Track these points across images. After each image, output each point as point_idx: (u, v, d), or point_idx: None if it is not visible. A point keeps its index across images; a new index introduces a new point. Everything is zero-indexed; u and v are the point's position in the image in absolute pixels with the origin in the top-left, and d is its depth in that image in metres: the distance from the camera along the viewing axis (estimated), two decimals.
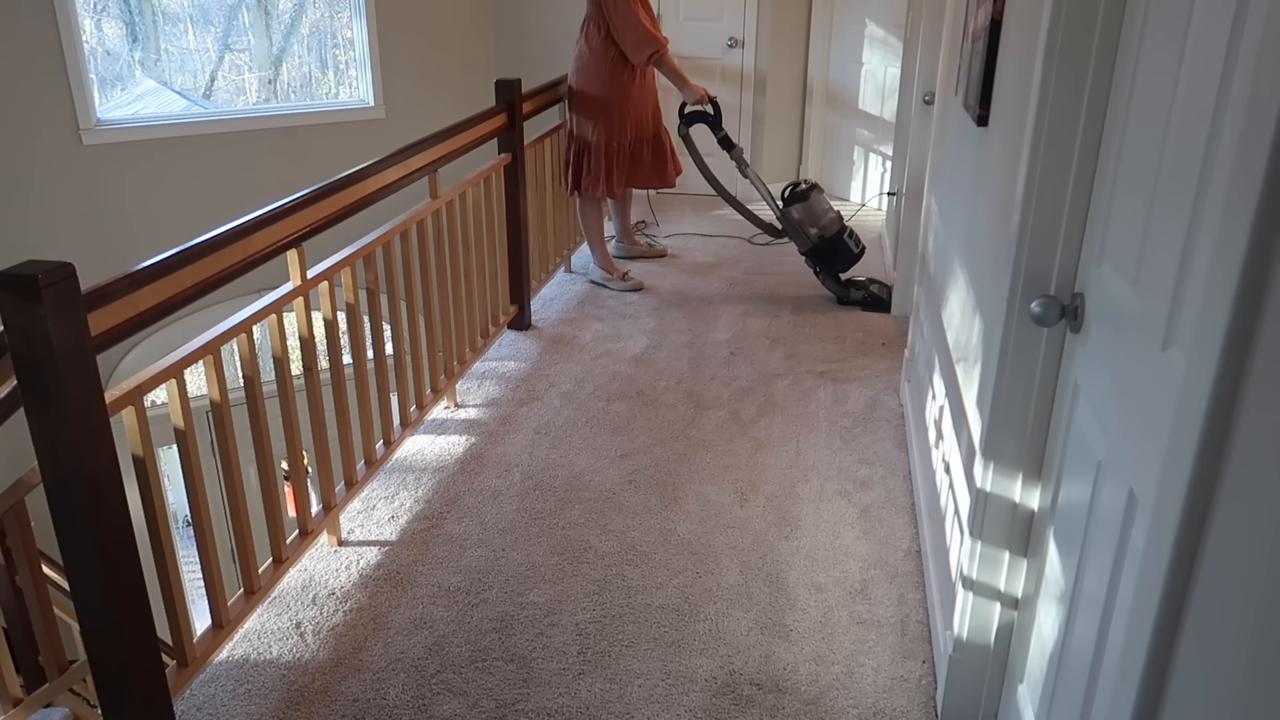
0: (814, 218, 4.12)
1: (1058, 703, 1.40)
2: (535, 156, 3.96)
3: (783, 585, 2.33)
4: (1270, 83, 0.76)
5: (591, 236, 4.38)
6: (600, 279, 4.42)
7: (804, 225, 4.12)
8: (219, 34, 6.56)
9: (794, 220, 4.14)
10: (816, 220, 4.12)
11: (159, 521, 1.83)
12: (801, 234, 4.13)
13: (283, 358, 2.22)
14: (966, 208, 2.27)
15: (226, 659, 2.10)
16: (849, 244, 4.15)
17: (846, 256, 4.16)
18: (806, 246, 4.15)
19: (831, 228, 4.12)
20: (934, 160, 3.17)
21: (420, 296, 2.95)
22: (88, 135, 5.00)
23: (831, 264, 4.18)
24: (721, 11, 5.84)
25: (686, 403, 3.28)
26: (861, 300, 4.17)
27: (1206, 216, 0.97)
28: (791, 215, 4.14)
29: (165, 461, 6.23)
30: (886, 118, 5.55)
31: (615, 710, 1.95)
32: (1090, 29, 1.37)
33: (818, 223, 4.12)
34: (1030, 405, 1.59)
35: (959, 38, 2.62)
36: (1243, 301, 0.78)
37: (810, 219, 4.12)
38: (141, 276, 1.72)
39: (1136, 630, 0.96)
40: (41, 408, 1.50)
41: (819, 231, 4.11)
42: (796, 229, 4.13)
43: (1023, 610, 1.69)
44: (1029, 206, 1.48)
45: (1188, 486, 0.85)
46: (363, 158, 2.58)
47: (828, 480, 2.80)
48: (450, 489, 2.76)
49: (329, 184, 2.36)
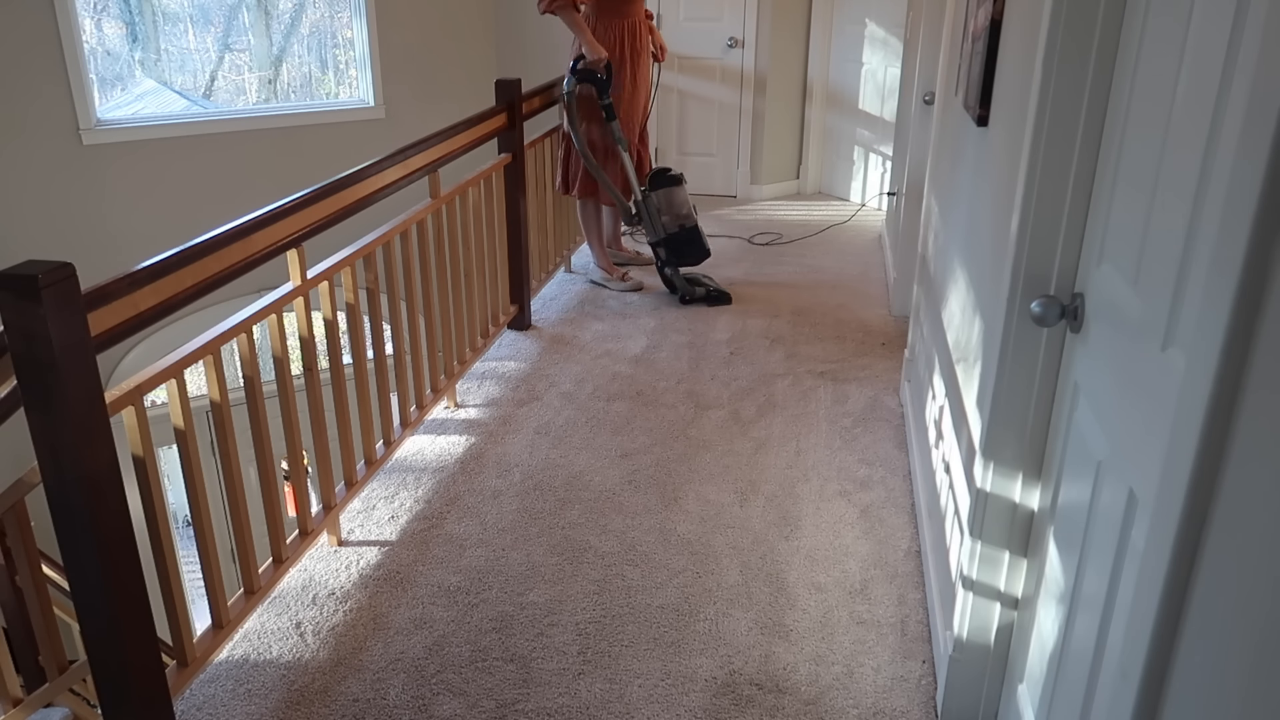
0: (673, 207, 4.02)
1: (1058, 703, 1.40)
2: (535, 156, 3.96)
3: (783, 585, 2.33)
4: (1270, 83, 0.76)
5: (590, 237, 4.37)
6: (600, 279, 4.42)
7: (661, 213, 4.03)
8: (219, 34, 6.56)
9: (653, 206, 4.02)
10: (675, 210, 4.03)
11: (159, 521, 1.83)
12: (656, 222, 4.03)
13: (283, 358, 2.22)
14: (966, 208, 2.27)
15: (226, 659, 2.10)
16: (703, 239, 4.08)
17: (698, 251, 4.09)
18: (659, 237, 4.04)
19: (689, 220, 4.04)
20: (934, 160, 3.17)
21: (420, 296, 2.95)
22: (88, 135, 5.00)
23: (684, 257, 4.09)
24: (721, 11, 5.85)
25: (686, 403, 3.28)
26: (706, 296, 4.14)
27: (1206, 216, 0.98)
28: (651, 200, 4.02)
29: (165, 461, 6.23)
30: (886, 118, 5.55)
31: (615, 710, 1.95)
32: (1090, 29, 1.37)
33: (676, 213, 4.02)
34: (1030, 405, 1.59)
35: (959, 38, 2.62)
36: (1243, 301, 0.78)
37: (668, 208, 4.02)
38: (141, 276, 1.72)
39: (1136, 630, 0.96)
40: (41, 408, 1.50)
41: (676, 221, 4.02)
42: (654, 216, 4.03)
43: (1023, 610, 1.69)
44: (1029, 206, 1.48)
45: (1188, 486, 0.85)
46: (363, 158, 2.58)
47: (828, 480, 2.80)
48: (450, 489, 2.76)
49: (329, 184, 2.36)
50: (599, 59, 3.87)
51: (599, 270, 4.42)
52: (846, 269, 4.72)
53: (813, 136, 6.21)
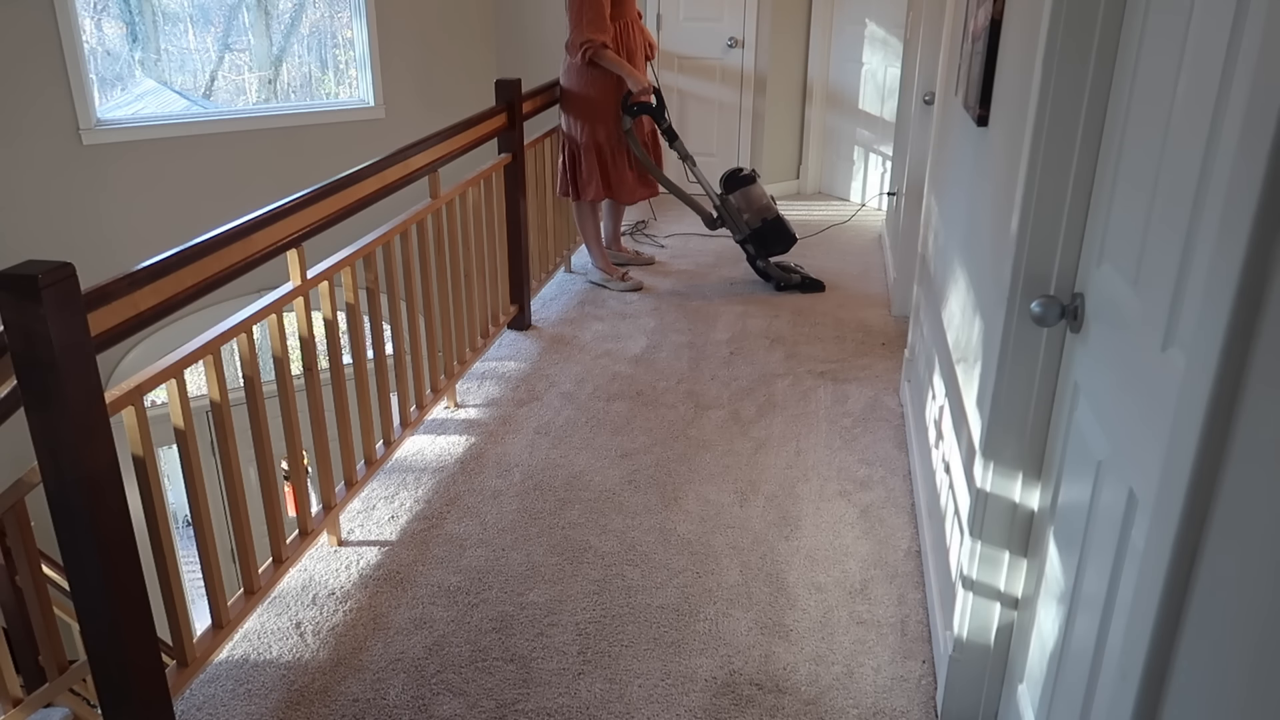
0: (752, 204, 4.19)
1: (1058, 703, 1.40)
2: (535, 156, 3.96)
3: (783, 585, 2.33)
4: (1270, 83, 0.76)
5: (588, 238, 4.38)
6: (599, 280, 4.42)
7: (742, 212, 4.20)
8: (219, 34, 6.56)
9: (733, 207, 4.20)
10: (754, 205, 4.20)
11: (159, 521, 1.83)
12: (739, 221, 4.20)
13: (283, 358, 2.22)
14: (966, 208, 2.27)
15: (226, 659, 2.10)
16: (789, 227, 4.23)
17: (786, 239, 4.24)
18: (744, 234, 4.21)
19: (770, 211, 4.20)
20: (934, 160, 3.17)
21: (420, 296, 2.95)
22: (88, 135, 5.00)
23: (772, 248, 4.25)
24: (721, 11, 5.84)
25: (686, 403, 3.28)
26: (800, 284, 4.29)
27: (1206, 216, 0.98)
28: (731, 203, 4.20)
29: (165, 461, 6.23)
30: (886, 118, 5.55)
31: (615, 710, 1.95)
32: (1090, 29, 1.37)
33: (754, 208, 4.20)
34: (1030, 405, 1.59)
35: (959, 38, 2.62)
36: (1243, 301, 0.78)
37: (748, 205, 4.19)
38: (141, 276, 1.72)
39: (1136, 630, 0.96)
40: (41, 408, 1.50)
41: (758, 215, 4.19)
42: (735, 216, 4.20)
43: (1023, 610, 1.69)
44: (1029, 206, 1.48)
45: (1188, 486, 0.85)
46: (363, 158, 2.58)
47: (828, 480, 2.80)
48: (450, 489, 2.76)
49: (329, 184, 2.36)
50: (645, 89, 3.98)
51: (598, 271, 4.43)
52: (846, 269, 4.72)
53: (813, 136, 6.20)
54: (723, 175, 4.29)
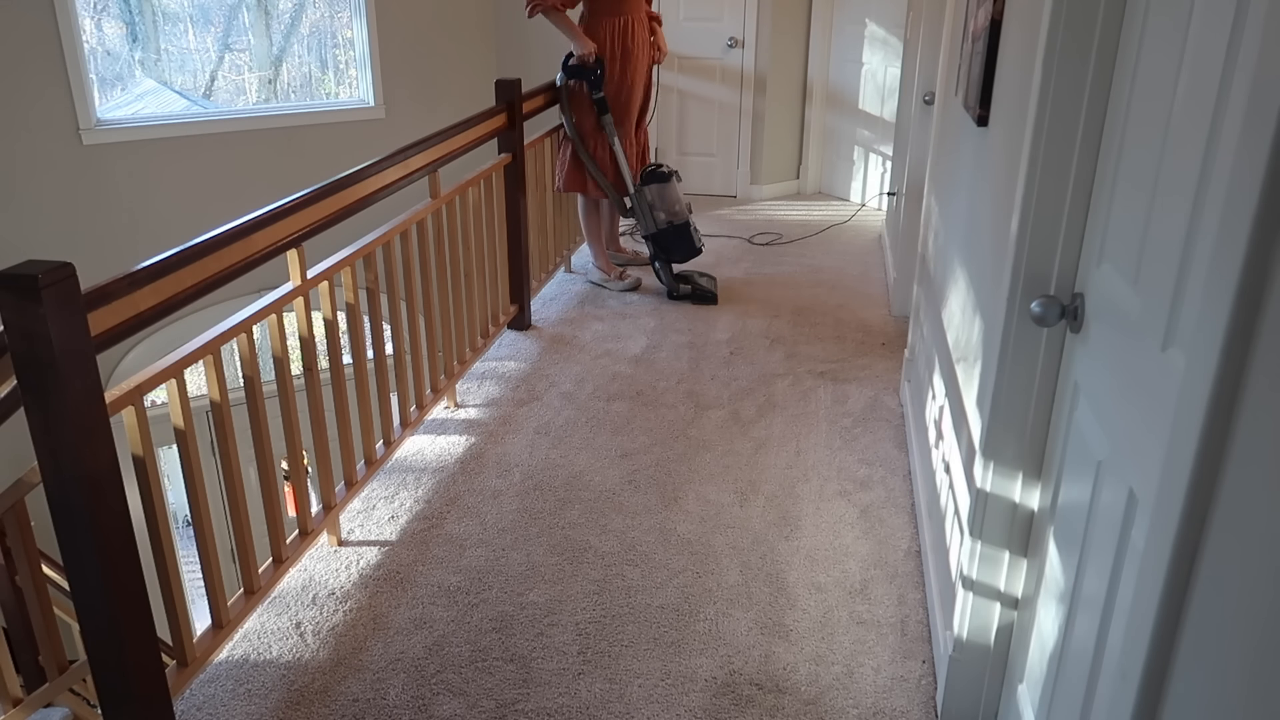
0: (666, 203, 4.08)
1: (1058, 703, 1.40)
2: (535, 156, 3.96)
3: (783, 585, 2.33)
4: (1270, 83, 0.76)
5: (591, 236, 4.37)
6: (598, 279, 4.42)
7: (654, 209, 4.09)
8: (219, 34, 6.56)
9: (646, 200, 4.09)
10: (668, 206, 4.08)
11: (159, 521, 1.83)
12: (650, 216, 4.09)
13: (283, 358, 2.22)
14: (966, 208, 2.27)
15: (226, 659, 2.10)
16: (694, 236, 4.14)
17: (688, 248, 4.15)
18: (651, 230, 4.11)
19: (680, 217, 4.10)
20: (934, 160, 3.17)
21: (420, 296, 2.95)
22: (88, 135, 5.00)
23: (673, 253, 4.16)
24: (721, 11, 5.85)
25: (686, 403, 3.28)
26: (690, 294, 4.19)
27: (1206, 216, 0.97)
28: (645, 195, 4.09)
29: (165, 461, 6.23)
30: (886, 118, 5.55)
31: (615, 710, 1.95)
32: (1090, 29, 1.37)
33: (669, 208, 4.08)
34: (1030, 405, 1.59)
35: (959, 38, 2.62)
36: (1243, 301, 0.78)
37: (662, 203, 4.08)
38: (141, 276, 1.72)
39: (1136, 630, 0.96)
40: (41, 408, 1.50)
41: (667, 218, 4.08)
42: (646, 210, 4.09)
43: (1023, 610, 1.69)
44: (1029, 206, 1.48)
45: (1188, 486, 0.85)
46: (363, 158, 2.58)
47: (828, 480, 2.80)
48: (450, 489, 2.76)
49: (329, 184, 2.36)
50: (587, 53, 3.92)
51: (597, 270, 4.42)
52: (846, 269, 4.72)
53: (813, 136, 6.20)
54: (644, 167, 4.19)
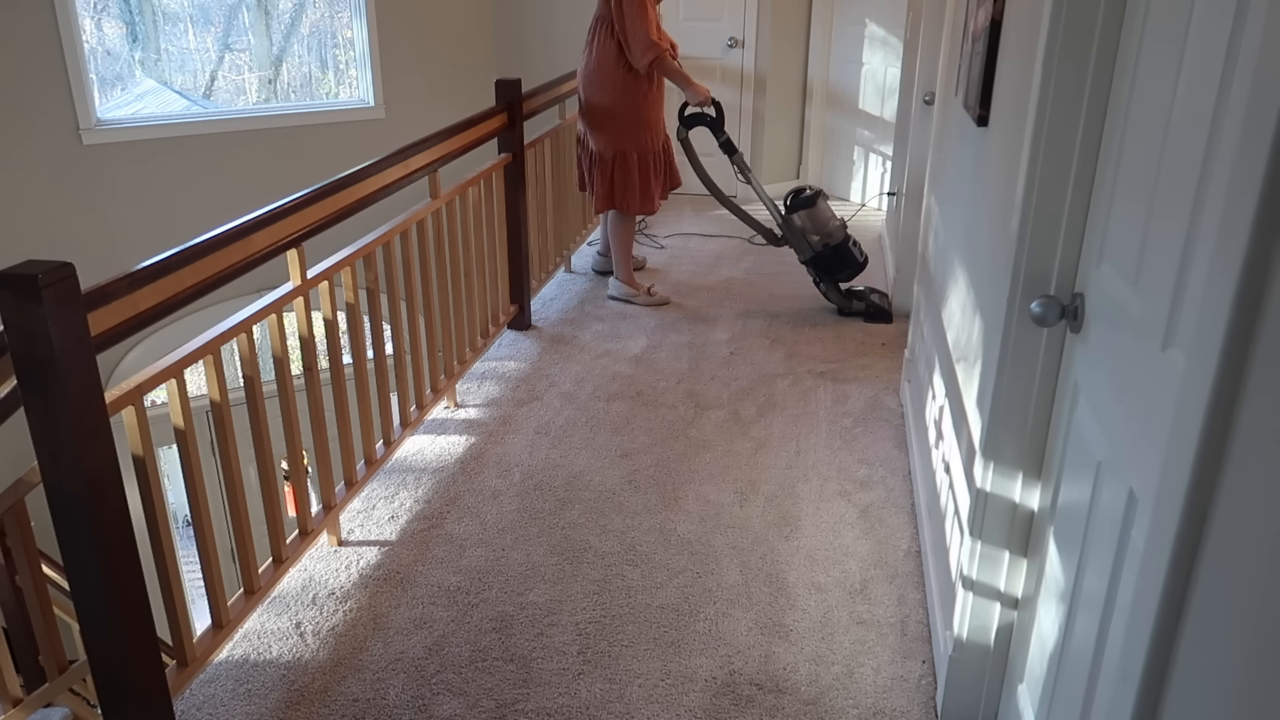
0: (818, 225, 3.97)
1: (1058, 703, 1.40)
2: (535, 156, 3.96)
3: (783, 585, 2.33)
4: (1270, 83, 0.76)
5: (620, 252, 4.17)
6: (624, 295, 4.21)
7: (807, 233, 3.97)
8: (219, 34, 6.56)
9: (796, 227, 3.99)
10: (821, 228, 3.97)
11: (159, 521, 1.83)
12: (804, 242, 3.98)
13: (283, 358, 2.22)
14: (966, 208, 2.27)
15: (226, 659, 2.10)
16: (853, 252, 3.99)
17: (851, 265, 4.00)
18: (808, 255, 3.99)
19: (836, 235, 3.97)
20: (934, 160, 3.17)
21: (420, 296, 2.95)
22: (88, 135, 5.00)
23: (835, 273, 4.02)
24: (721, 11, 5.84)
25: (686, 403, 3.28)
26: (864, 311, 4.03)
27: (1206, 216, 0.97)
28: (794, 222, 3.99)
29: (165, 461, 6.23)
30: (886, 118, 5.55)
31: (615, 710, 1.95)
32: (1090, 29, 1.37)
33: (821, 230, 3.97)
34: (1030, 405, 1.59)
35: (959, 38, 2.62)
36: (1243, 301, 0.78)
37: (814, 226, 3.97)
38: (141, 276, 1.72)
39: (1136, 630, 0.96)
40: (41, 408, 1.50)
41: (822, 239, 3.96)
42: (799, 237, 3.98)
43: (1023, 610, 1.69)
44: (1029, 206, 1.48)
45: (1188, 486, 0.85)
46: (363, 158, 2.58)
47: (828, 480, 2.80)
48: (450, 489, 2.76)
49: (329, 184, 2.36)
50: (703, 100, 3.91)
51: (622, 285, 4.22)
52: None
53: (813, 136, 6.20)
54: (787, 194, 4.10)
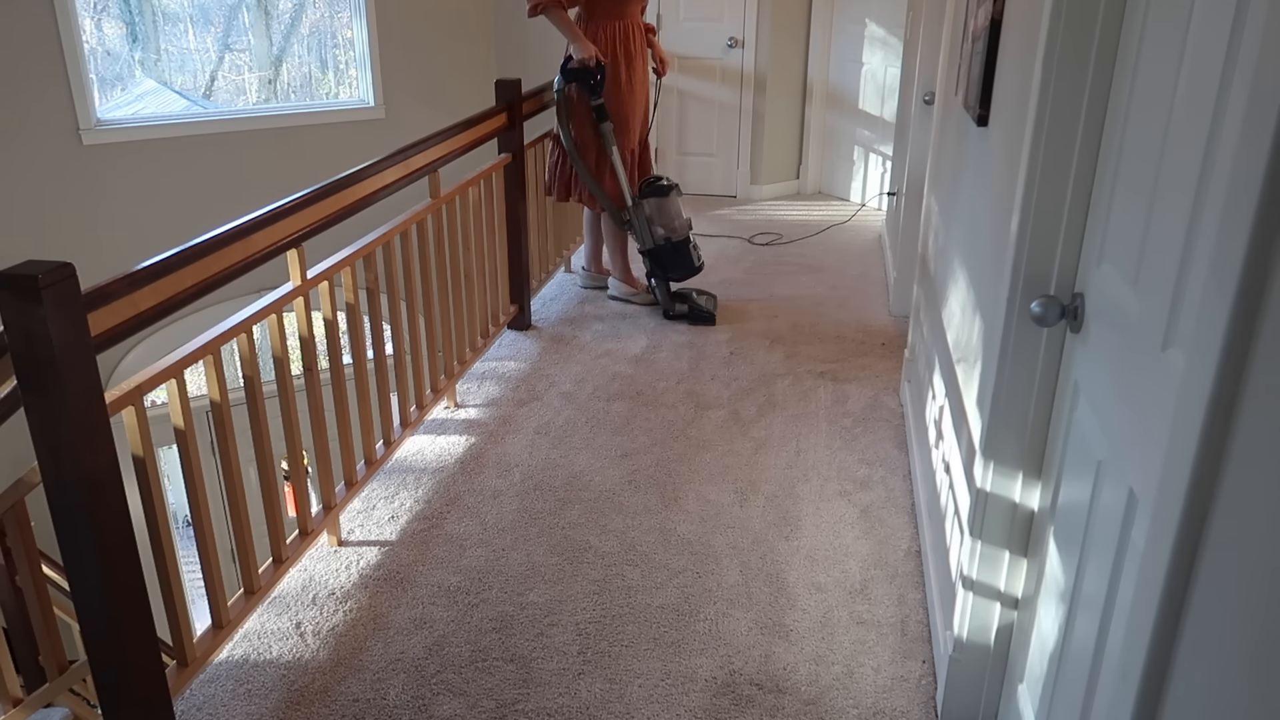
0: (664, 218, 3.90)
1: (1058, 703, 1.40)
2: (535, 156, 3.95)
3: (783, 585, 2.33)
4: (1270, 83, 0.76)
5: (614, 251, 4.13)
6: (622, 294, 4.18)
7: (652, 223, 3.90)
8: (219, 34, 6.56)
9: (644, 214, 3.89)
10: (667, 222, 3.90)
11: (159, 521, 1.83)
12: (647, 231, 3.90)
13: (283, 358, 2.22)
14: (966, 208, 2.27)
15: (226, 659, 2.10)
16: (692, 254, 3.96)
17: (686, 266, 3.97)
18: (648, 246, 3.93)
19: (679, 233, 3.91)
20: (934, 160, 3.17)
21: (420, 296, 2.95)
22: (88, 135, 5.00)
23: (669, 270, 3.98)
24: (721, 11, 5.85)
25: (686, 403, 3.28)
26: (687, 314, 3.99)
27: (1206, 216, 0.97)
28: (643, 208, 3.89)
29: (165, 461, 6.23)
30: (886, 118, 5.55)
31: (615, 710, 1.95)
32: (1090, 29, 1.37)
33: (668, 224, 3.90)
34: (1030, 405, 1.59)
35: (959, 38, 2.62)
36: (1243, 301, 0.78)
37: (660, 218, 3.90)
38: (141, 276, 1.72)
39: (1136, 630, 0.96)
40: (41, 408, 1.50)
41: (665, 233, 3.90)
42: (644, 224, 3.90)
43: (1023, 610, 1.69)
44: (1029, 206, 1.48)
45: (1188, 486, 0.85)
46: (363, 158, 2.58)
47: (828, 480, 2.80)
48: (450, 489, 2.76)
49: (329, 184, 2.36)
50: (588, 57, 3.71)
51: (620, 285, 4.18)
52: (846, 269, 4.72)
53: (813, 136, 6.21)
54: (643, 179, 3.98)
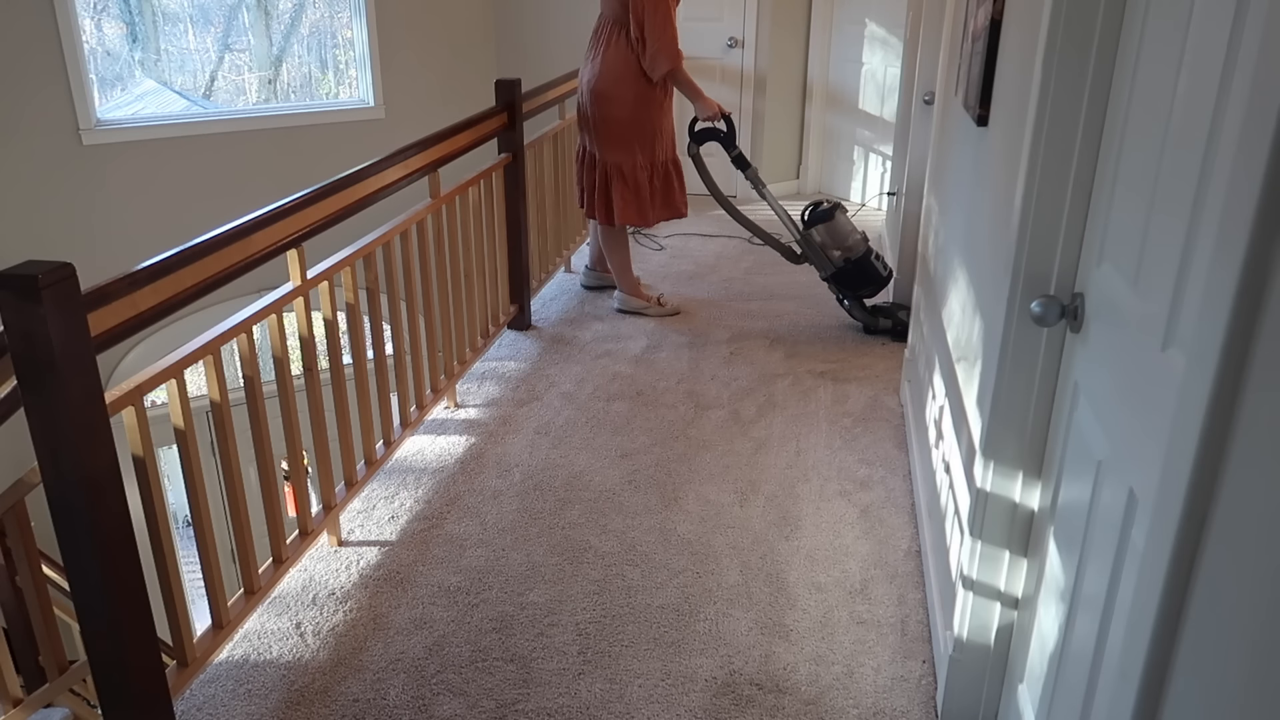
0: (838, 239, 3.76)
1: (1058, 703, 1.40)
2: (535, 156, 3.96)
3: (783, 585, 2.33)
4: (1270, 83, 0.76)
5: (618, 265, 4.03)
6: (632, 308, 4.07)
7: (827, 248, 3.76)
8: (219, 34, 6.56)
9: (816, 243, 3.78)
10: (841, 242, 3.76)
11: (159, 521, 1.83)
12: (824, 258, 3.77)
13: (283, 358, 2.22)
14: (966, 208, 2.27)
15: (226, 659, 2.10)
16: (876, 266, 3.77)
17: (874, 280, 3.78)
18: (829, 271, 3.79)
19: (858, 249, 3.75)
20: (934, 160, 3.17)
21: (420, 296, 2.95)
22: (88, 135, 5.00)
23: (858, 289, 3.80)
24: (721, 11, 5.85)
25: (686, 403, 3.28)
26: (891, 329, 3.83)
27: (1206, 217, 0.97)
28: (813, 238, 3.78)
29: (165, 461, 6.23)
30: (886, 118, 5.55)
31: (615, 710, 1.95)
32: (1090, 29, 1.37)
33: (842, 244, 3.76)
34: (1030, 405, 1.59)
35: (959, 38, 2.62)
36: (1243, 301, 0.78)
37: (834, 241, 3.76)
38: (141, 276, 1.72)
39: (1136, 630, 0.96)
40: (41, 408, 1.50)
41: (843, 254, 3.76)
42: (819, 252, 3.77)
43: (1023, 610, 1.69)
44: (1029, 206, 1.48)
45: (1188, 486, 0.85)
46: (363, 158, 2.58)
47: (828, 480, 2.80)
48: (450, 489, 2.76)
49: (329, 184, 2.36)
50: (713, 115, 3.74)
51: (628, 298, 4.07)
52: None
53: (813, 136, 6.21)
54: (804, 208, 3.89)
